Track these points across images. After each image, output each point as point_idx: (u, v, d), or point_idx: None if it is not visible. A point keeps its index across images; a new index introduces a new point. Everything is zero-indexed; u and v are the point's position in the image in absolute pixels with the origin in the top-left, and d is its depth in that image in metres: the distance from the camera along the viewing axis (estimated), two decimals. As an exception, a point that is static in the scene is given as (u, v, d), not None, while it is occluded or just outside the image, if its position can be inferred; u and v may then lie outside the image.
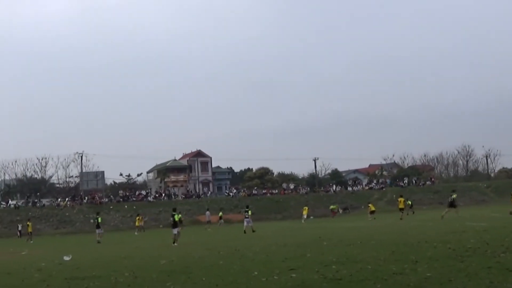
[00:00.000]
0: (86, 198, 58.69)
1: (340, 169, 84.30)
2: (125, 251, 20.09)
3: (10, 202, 57.37)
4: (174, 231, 22.08)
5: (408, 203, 41.20)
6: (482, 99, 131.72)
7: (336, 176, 79.37)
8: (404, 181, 70.58)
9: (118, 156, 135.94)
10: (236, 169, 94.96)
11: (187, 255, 15.82)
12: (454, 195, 30.51)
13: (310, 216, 47.33)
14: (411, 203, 43.96)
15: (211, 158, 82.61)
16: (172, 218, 22.66)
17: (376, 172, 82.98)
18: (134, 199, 60.39)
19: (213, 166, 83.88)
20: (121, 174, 73.09)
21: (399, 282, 8.39)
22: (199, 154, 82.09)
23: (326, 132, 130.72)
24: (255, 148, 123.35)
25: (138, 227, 40.78)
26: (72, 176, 74.15)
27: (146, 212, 53.20)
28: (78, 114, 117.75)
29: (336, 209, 52.32)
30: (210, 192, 72.63)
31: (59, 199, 58.63)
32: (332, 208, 51.49)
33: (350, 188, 69.56)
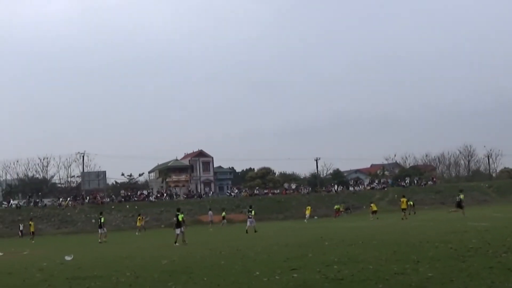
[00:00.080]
0: (88, 198, 58.71)
1: (341, 169, 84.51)
2: (126, 251, 20.10)
3: (11, 202, 57.47)
4: (177, 231, 22.16)
5: (410, 203, 41.12)
6: (483, 99, 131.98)
7: (337, 176, 79.35)
8: (406, 181, 70.48)
9: (119, 156, 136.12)
10: (238, 169, 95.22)
11: (188, 255, 15.82)
12: (462, 196, 30.44)
13: (314, 216, 47.23)
14: (413, 203, 43.91)
15: (212, 158, 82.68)
16: (176, 218, 22.72)
17: (378, 172, 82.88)
18: (135, 199, 60.44)
19: (214, 166, 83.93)
20: (122, 174, 73.33)
21: (400, 282, 8.38)
22: (200, 154, 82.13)
23: (327, 132, 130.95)
24: (257, 148, 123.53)
25: (139, 227, 40.82)
26: (73, 176, 74.40)
27: (147, 212, 53.21)
28: (79, 114, 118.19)
29: (341, 208, 52.28)
30: (211, 192, 72.61)
31: (60, 199, 58.74)
32: (337, 207, 51.45)
33: (351, 188, 69.47)
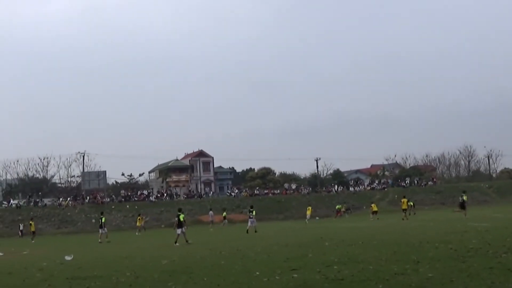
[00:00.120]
0: (88, 198, 58.68)
1: (342, 169, 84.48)
2: (126, 251, 20.10)
3: (11, 201, 57.44)
4: (178, 231, 22.21)
5: (410, 204, 41.09)
6: (483, 99, 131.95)
7: (338, 176, 79.32)
8: (406, 181, 70.47)
9: (120, 156, 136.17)
10: (238, 169, 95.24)
11: (188, 255, 15.81)
12: (465, 196, 30.45)
13: (316, 217, 47.06)
14: (413, 203, 43.89)
15: (213, 158, 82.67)
16: (177, 218, 22.76)
17: (378, 172, 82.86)
18: (136, 199, 60.42)
19: (215, 166, 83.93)
20: (123, 174, 73.25)
21: (400, 282, 8.38)
22: (201, 154, 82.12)
23: (328, 132, 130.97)
24: (257, 148, 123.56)
25: (139, 227, 40.81)
26: (74, 176, 74.35)
27: (148, 212, 53.20)
28: (79, 114, 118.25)
29: (342, 209, 52.19)
30: (212, 192, 72.58)
31: (60, 199, 58.73)
32: (338, 207, 51.42)
33: (352, 189, 69.45)
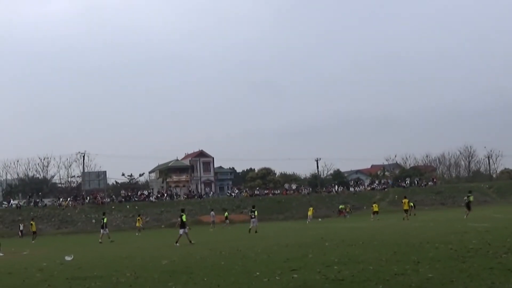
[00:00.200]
0: (88, 198, 58.71)
1: (342, 169, 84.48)
2: (126, 251, 20.10)
3: (12, 201, 57.49)
4: (180, 231, 22.25)
5: (411, 204, 41.07)
6: (483, 99, 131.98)
7: (338, 176, 79.32)
8: (406, 181, 70.49)
9: (120, 156, 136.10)
10: (238, 169, 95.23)
11: (188, 255, 15.81)
12: (471, 197, 30.42)
13: (318, 218, 46.91)
14: (413, 204, 43.84)
15: (213, 158, 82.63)
16: (180, 218, 22.77)
17: (378, 172, 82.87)
18: (136, 199, 60.45)
19: (215, 166, 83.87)
20: (123, 174, 73.34)
21: (401, 282, 8.37)
22: (201, 154, 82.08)
23: (328, 133, 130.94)
24: (257, 148, 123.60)
25: (139, 227, 40.77)
26: (74, 176, 74.37)
27: (148, 212, 53.23)
28: (79, 114, 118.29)
29: (347, 209, 52.16)
30: (212, 193, 72.57)
31: (61, 199, 58.77)
32: (341, 207, 51.37)
33: (352, 189, 69.49)
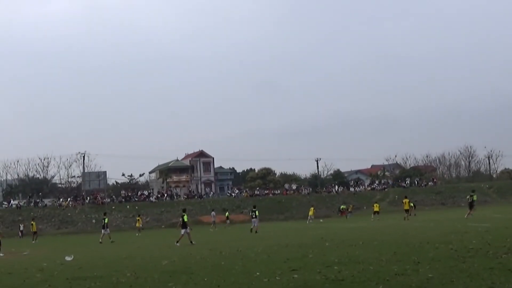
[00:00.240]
0: (88, 198, 58.71)
1: (342, 169, 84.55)
2: (126, 251, 20.10)
3: (12, 202, 57.51)
4: (181, 231, 22.26)
5: (411, 204, 41.03)
6: (484, 99, 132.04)
7: (338, 176, 79.33)
8: (406, 181, 70.48)
9: (120, 156, 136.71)
10: (238, 169, 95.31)
11: (188, 256, 15.80)
12: (475, 196, 30.37)
13: (320, 219, 46.79)
14: (414, 204, 43.79)
15: (213, 158, 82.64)
16: (182, 218, 22.79)
17: (378, 172, 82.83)
18: (136, 199, 60.47)
19: (215, 167, 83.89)
20: (123, 174, 73.39)
21: (401, 283, 8.37)
22: (201, 154, 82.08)
23: (328, 133, 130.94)
24: (258, 148, 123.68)
25: (139, 227, 40.76)
26: (74, 176, 74.40)
27: (148, 212, 53.22)
28: (79, 114, 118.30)
29: (349, 209, 52.08)
30: (212, 193, 72.55)
31: (61, 199, 58.78)
32: (343, 208, 51.34)
33: (352, 189, 69.49)
